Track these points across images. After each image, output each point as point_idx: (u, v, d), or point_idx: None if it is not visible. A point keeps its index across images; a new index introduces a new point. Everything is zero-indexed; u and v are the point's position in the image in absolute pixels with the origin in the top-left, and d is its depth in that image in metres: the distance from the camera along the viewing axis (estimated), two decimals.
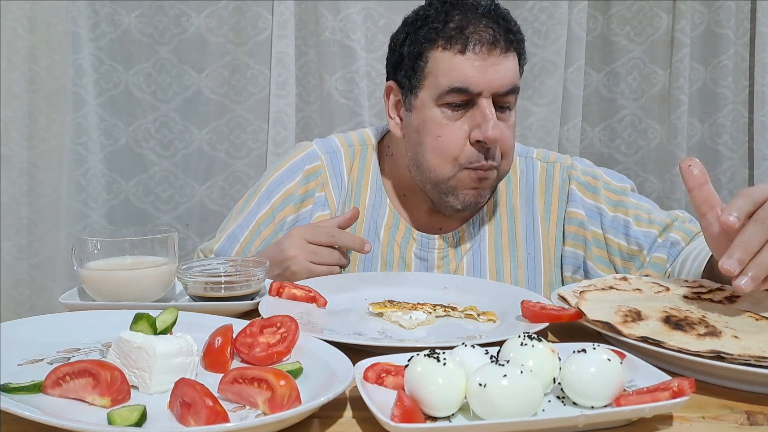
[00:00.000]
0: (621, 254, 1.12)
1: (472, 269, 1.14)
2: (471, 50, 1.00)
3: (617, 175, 1.19)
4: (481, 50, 1.00)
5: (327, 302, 0.87)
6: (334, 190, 1.17)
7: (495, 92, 1.02)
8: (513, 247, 1.15)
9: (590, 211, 1.14)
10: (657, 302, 0.78)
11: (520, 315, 0.80)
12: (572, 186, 1.16)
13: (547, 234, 1.16)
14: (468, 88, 1.01)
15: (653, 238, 1.10)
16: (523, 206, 1.17)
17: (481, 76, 1.00)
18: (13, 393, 0.55)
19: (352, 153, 1.20)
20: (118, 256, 0.86)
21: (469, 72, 1.00)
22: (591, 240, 1.14)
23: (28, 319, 0.70)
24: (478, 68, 1.00)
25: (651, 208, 1.14)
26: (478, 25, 1.01)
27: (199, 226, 1.95)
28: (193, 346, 0.62)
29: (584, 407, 0.56)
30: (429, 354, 0.56)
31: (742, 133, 2.06)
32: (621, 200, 1.14)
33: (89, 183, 1.87)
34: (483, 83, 1.00)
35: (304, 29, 1.88)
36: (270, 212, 1.16)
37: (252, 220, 1.15)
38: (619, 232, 1.12)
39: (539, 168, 1.19)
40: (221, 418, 0.51)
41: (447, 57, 1.02)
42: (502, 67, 1.01)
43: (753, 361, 0.61)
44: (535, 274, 1.15)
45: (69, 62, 1.79)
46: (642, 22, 2.01)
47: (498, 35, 1.01)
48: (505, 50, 1.02)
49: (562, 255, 1.16)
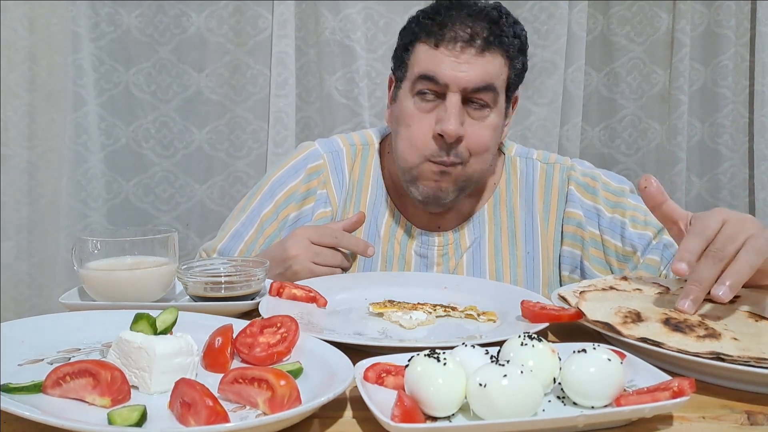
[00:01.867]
0: (617, 255, 1.13)
1: (471, 267, 1.15)
2: (444, 45, 1.03)
3: (616, 176, 1.19)
4: (455, 46, 1.03)
5: (327, 302, 0.87)
6: (336, 188, 1.18)
7: (463, 88, 1.02)
8: (512, 246, 1.16)
9: (588, 211, 1.15)
10: (657, 304, 0.78)
11: (520, 315, 0.80)
12: (571, 186, 1.16)
13: (546, 234, 1.16)
14: (434, 76, 1.03)
15: (648, 240, 1.11)
16: (522, 206, 1.18)
17: (450, 70, 1.02)
18: (13, 393, 0.55)
19: (354, 152, 1.21)
20: (118, 256, 0.86)
21: (440, 64, 1.03)
22: (588, 240, 1.14)
23: (28, 319, 0.70)
24: (448, 62, 1.03)
25: (648, 210, 1.14)
26: (460, 24, 1.03)
27: (199, 226, 1.95)
28: (193, 346, 0.62)
29: (584, 407, 0.56)
30: (429, 354, 0.56)
31: (742, 133, 2.06)
32: (619, 201, 1.14)
33: (89, 183, 1.87)
34: (450, 76, 1.02)
35: (304, 29, 1.88)
36: (274, 210, 1.16)
37: (256, 218, 1.16)
38: (616, 233, 1.13)
39: (539, 169, 1.19)
40: (221, 418, 0.51)
41: (424, 49, 1.06)
42: (474, 65, 1.02)
43: (753, 363, 0.61)
44: (534, 274, 1.15)
45: (69, 62, 1.79)
46: (642, 22, 2.01)
47: (476, 34, 1.03)
48: (482, 50, 1.03)
49: (560, 255, 1.17)
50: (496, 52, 1.04)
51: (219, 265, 0.94)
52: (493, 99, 1.05)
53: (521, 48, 1.09)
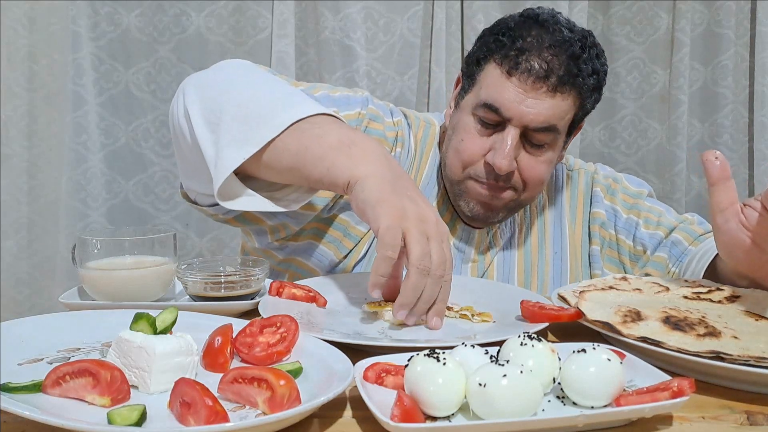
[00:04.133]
0: (629, 255, 1.15)
1: (502, 267, 1.15)
2: (517, 76, 0.98)
3: (636, 180, 1.21)
4: (527, 80, 0.97)
5: (327, 302, 0.87)
6: (404, 150, 1.12)
7: (525, 125, 0.99)
8: (541, 247, 1.17)
9: (608, 212, 1.17)
10: (657, 302, 0.78)
11: (520, 315, 0.80)
12: (596, 188, 1.19)
13: (573, 235, 1.18)
14: (499, 109, 0.99)
15: (659, 240, 1.12)
16: (550, 208, 1.19)
17: (515, 105, 0.98)
18: (13, 392, 0.55)
19: (418, 124, 1.16)
20: (118, 256, 0.86)
21: (506, 95, 0.98)
22: (606, 240, 1.17)
23: (28, 318, 0.70)
24: (515, 95, 0.98)
25: (663, 212, 1.15)
26: (538, 54, 0.97)
27: (199, 225, 1.95)
28: (193, 345, 0.62)
29: (584, 407, 0.56)
30: (429, 354, 0.56)
31: (742, 133, 2.07)
32: (636, 203, 1.16)
33: (89, 182, 1.87)
34: (515, 111, 0.98)
35: (304, 29, 1.89)
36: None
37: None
38: (630, 234, 1.15)
39: (564, 175, 1.21)
40: (221, 418, 0.51)
41: (496, 73, 1.00)
42: (542, 103, 0.98)
43: (753, 362, 0.61)
44: (561, 274, 1.17)
45: (69, 61, 1.79)
46: (642, 22, 2.01)
47: (553, 71, 0.97)
48: (554, 88, 0.97)
49: (590, 254, 1.18)
50: (569, 92, 0.99)
51: (219, 265, 0.94)
52: (553, 139, 1.02)
53: (597, 86, 1.04)
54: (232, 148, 0.81)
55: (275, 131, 0.80)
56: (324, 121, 0.81)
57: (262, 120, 0.81)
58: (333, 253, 1.10)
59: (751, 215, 0.75)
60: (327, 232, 1.10)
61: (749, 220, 0.75)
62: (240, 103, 0.83)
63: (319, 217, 1.08)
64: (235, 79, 0.90)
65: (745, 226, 0.75)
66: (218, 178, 0.80)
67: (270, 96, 0.85)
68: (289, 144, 0.80)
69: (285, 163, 0.81)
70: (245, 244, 1.21)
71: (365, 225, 1.07)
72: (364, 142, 0.79)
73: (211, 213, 0.98)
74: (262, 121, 0.81)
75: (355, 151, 0.78)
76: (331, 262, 1.11)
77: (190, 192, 0.95)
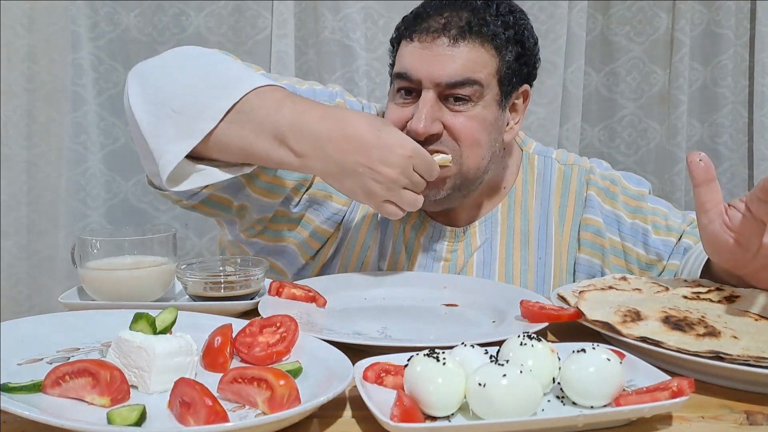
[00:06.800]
0: (639, 263, 1.09)
1: (482, 268, 1.11)
2: (416, 38, 0.98)
3: (634, 178, 1.15)
4: (425, 38, 0.97)
5: (326, 302, 0.87)
6: None
7: (437, 82, 0.96)
8: (524, 250, 1.12)
9: (608, 218, 1.11)
10: (656, 302, 0.78)
11: (520, 315, 0.80)
12: (591, 191, 1.12)
13: (560, 240, 1.12)
14: (406, 73, 0.98)
15: (671, 246, 1.08)
16: (537, 209, 1.13)
17: (420, 65, 0.97)
18: (12, 392, 0.55)
19: None
20: (118, 256, 0.86)
21: (410, 59, 0.98)
22: (608, 248, 1.10)
23: (28, 318, 0.70)
24: (418, 56, 0.97)
25: (668, 212, 1.11)
26: (435, 15, 0.98)
27: (198, 225, 1.95)
28: (192, 345, 0.62)
29: (584, 407, 0.56)
30: (428, 354, 0.56)
31: (741, 133, 2.06)
32: (639, 206, 1.11)
33: (88, 182, 1.86)
34: (422, 71, 0.96)
35: (304, 29, 1.88)
36: None
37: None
38: (638, 241, 1.09)
39: (557, 170, 1.15)
40: (221, 418, 0.51)
41: (402, 45, 1.01)
42: (446, 57, 0.96)
43: (752, 362, 0.61)
44: (544, 279, 1.12)
45: (68, 61, 1.79)
46: (642, 21, 2.01)
47: (451, 23, 0.96)
48: (455, 39, 0.96)
49: (576, 262, 1.12)
50: (474, 41, 0.97)
51: (218, 265, 0.94)
52: (476, 93, 0.98)
53: (517, 40, 1.01)
54: (173, 142, 0.86)
55: (212, 123, 0.85)
56: (259, 102, 0.86)
57: (197, 111, 0.86)
58: (300, 254, 1.09)
59: (734, 216, 0.75)
60: (294, 231, 1.08)
61: (733, 221, 0.75)
62: (177, 95, 0.88)
63: (289, 218, 1.07)
64: (172, 71, 0.94)
65: (729, 226, 0.75)
66: (164, 171, 0.85)
67: (206, 83, 0.89)
68: (228, 132, 0.86)
69: (233, 149, 0.87)
70: (222, 238, 1.19)
71: (331, 224, 1.08)
72: (296, 123, 0.85)
73: (175, 199, 1.00)
74: (198, 112, 0.86)
75: (292, 140, 0.86)
76: (299, 263, 1.10)
77: (154, 178, 0.95)
